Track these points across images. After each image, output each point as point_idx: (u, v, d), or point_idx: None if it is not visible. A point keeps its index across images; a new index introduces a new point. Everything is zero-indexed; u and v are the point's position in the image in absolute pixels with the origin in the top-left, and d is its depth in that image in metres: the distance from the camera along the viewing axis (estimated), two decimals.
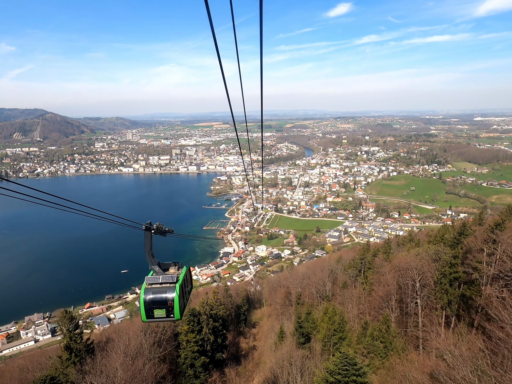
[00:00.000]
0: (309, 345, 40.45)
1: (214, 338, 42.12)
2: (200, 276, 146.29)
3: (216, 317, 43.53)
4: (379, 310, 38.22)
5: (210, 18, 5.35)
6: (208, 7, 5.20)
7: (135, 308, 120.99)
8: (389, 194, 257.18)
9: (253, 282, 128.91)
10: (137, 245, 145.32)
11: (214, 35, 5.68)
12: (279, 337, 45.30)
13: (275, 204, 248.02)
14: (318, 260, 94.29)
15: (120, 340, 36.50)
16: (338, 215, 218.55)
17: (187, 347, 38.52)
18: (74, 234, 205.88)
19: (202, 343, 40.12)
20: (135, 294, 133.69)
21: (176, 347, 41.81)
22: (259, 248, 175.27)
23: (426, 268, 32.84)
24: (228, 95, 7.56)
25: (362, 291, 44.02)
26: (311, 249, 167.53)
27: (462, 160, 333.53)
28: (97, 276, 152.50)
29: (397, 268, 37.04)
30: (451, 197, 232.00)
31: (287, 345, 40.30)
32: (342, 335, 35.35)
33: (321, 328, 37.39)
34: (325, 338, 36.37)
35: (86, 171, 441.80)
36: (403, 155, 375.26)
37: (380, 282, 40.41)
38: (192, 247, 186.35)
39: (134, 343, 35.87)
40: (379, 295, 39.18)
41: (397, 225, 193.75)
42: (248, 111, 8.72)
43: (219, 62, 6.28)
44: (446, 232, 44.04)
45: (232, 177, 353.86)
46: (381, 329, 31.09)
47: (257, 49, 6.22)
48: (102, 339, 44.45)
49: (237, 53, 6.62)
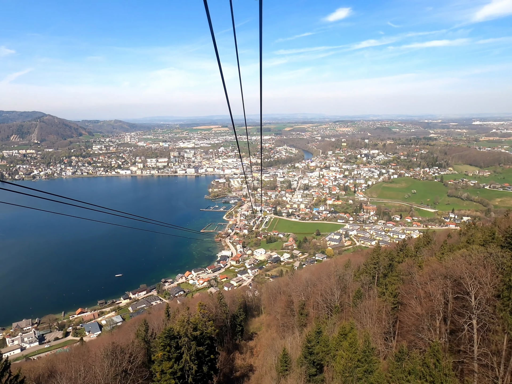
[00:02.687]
0: (322, 377, 32.51)
1: (197, 366, 32.40)
2: (196, 281, 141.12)
3: (201, 339, 34.00)
4: (417, 333, 29.28)
5: (210, 22, 5.45)
6: (208, 12, 5.26)
7: (128, 314, 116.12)
8: (389, 197, 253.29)
9: (251, 287, 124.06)
10: (132, 248, 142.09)
11: (214, 39, 5.83)
12: (282, 365, 35.52)
13: (274, 206, 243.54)
14: (322, 264, 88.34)
15: (69, 371, 28.31)
16: (339, 218, 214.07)
17: (161, 379, 29.36)
18: (67, 237, 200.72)
19: (181, 374, 30.76)
20: (128, 299, 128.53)
21: (148, 379, 33.35)
22: (257, 252, 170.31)
23: (483, 276, 24.97)
24: (227, 98, 7.67)
25: (382, 303, 35.89)
26: (311, 253, 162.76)
27: (463, 163, 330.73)
28: (90, 280, 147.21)
29: (441, 276, 29.09)
30: (453, 200, 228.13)
31: (294, 381, 32.08)
32: (368, 367, 27.13)
33: (339, 357, 29.44)
34: (346, 372, 28.16)
35: (83, 174, 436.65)
36: (403, 158, 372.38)
37: (413, 294, 32.02)
38: (189, 250, 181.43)
39: (89, 377, 27.90)
40: (416, 312, 30.18)
41: (399, 228, 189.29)
42: (247, 114, 8.88)
43: (219, 66, 6.43)
44: (484, 231, 38.03)
45: (231, 179, 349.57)
46: (427, 363, 21.33)
47: (256, 53, 6.71)
48: (44, 372, 34.73)
49: (237, 57, 6.82)
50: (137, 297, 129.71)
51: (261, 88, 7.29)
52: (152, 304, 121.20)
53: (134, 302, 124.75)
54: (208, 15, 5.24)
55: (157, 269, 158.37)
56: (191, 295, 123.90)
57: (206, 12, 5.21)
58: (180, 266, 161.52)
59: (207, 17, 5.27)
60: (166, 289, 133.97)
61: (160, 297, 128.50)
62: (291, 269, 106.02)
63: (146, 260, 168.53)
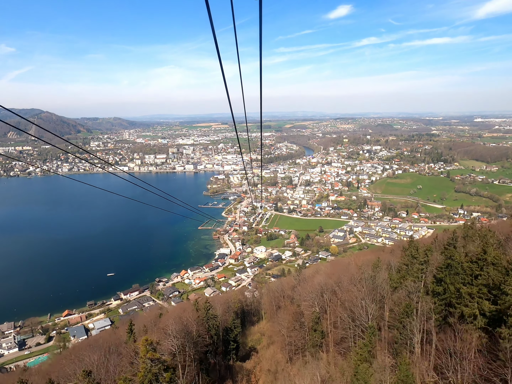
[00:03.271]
0: None
1: None
2: (192, 280, 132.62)
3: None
4: None
5: (211, 20, 5.61)
6: (209, 11, 5.41)
7: (118, 317, 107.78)
8: (394, 192, 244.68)
9: (251, 286, 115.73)
10: (127, 246, 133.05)
11: (215, 37, 5.98)
12: None
13: (275, 203, 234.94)
14: (338, 264, 76.18)
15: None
16: (342, 215, 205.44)
17: None
18: (60, 234, 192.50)
19: None
20: (119, 300, 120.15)
21: None
22: (257, 249, 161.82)
23: None
24: (228, 94, 7.87)
25: (475, 339, 21.54)
26: (314, 250, 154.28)
27: (469, 158, 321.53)
28: (81, 280, 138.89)
29: None
30: (461, 196, 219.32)
31: None
32: None
33: None
34: None
35: (80, 170, 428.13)
36: (407, 154, 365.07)
37: None
38: (185, 248, 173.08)
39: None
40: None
41: (405, 224, 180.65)
42: (247, 112, 9.07)
43: (220, 64, 6.62)
44: None
45: (230, 175, 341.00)
46: None
47: (256, 51, 6.70)
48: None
49: (237, 55, 7.01)
50: (129, 298, 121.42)
51: (261, 83, 7.55)
52: (144, 306, 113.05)
53: (125, 304, 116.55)
54: (209, 13, 5.41)
55: (151, 268, 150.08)
56: (186, 296, 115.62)
57: (207, 10, 5.34)
58: (176, 265, 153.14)
59: (208, 16, 5.49)
60: (160, 289, 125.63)
61: (153, 298, 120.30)
62: (297, 269, 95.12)
63: (140, 258, 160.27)
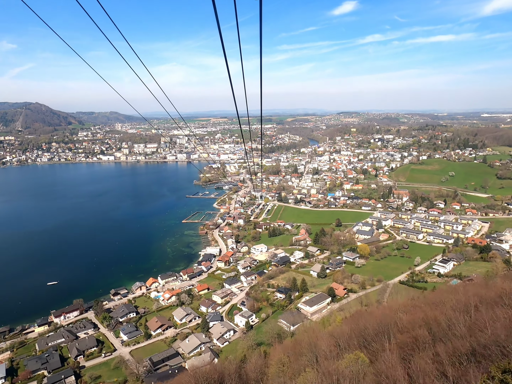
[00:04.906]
0: None
1: None
2: (161, 294, 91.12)
3: None
4: None
5: (217, 19, 5.89)
6: (216, 10, 5.67)
7: (22, 361, 66.86)
8: (421, 180, 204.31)
9: (245, 307, 75.04)
10: (87, 244, 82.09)
11: (220, 34, 6.25)
12: None
13: (278, 192, 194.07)
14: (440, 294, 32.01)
15: None
16: (362, 205, 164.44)
17: None
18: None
19: None
20: (46, 325, 78.96)
21: None
22: (256, 249, 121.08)
23: None
24: (232, 88, 8.50)
25: None
26: (335, 250, 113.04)
27: (500, 144, 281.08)
28: (7, 291, 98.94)
29: None
30: (508, 183, 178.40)
31: None
32: None
33: None
34: None
35: (61, 160, 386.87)
36: (425, 142, 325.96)
37: None
38: (162, 247, 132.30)
39: None
40: None
41: (449, 217, 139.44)
42: (248, 109, 9.88)
43: (225, 60, 6.94)
44: None
45: (227, 164, 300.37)
46: None
47: (258, 49, 6.98)
48: None
49: (240, 52, 7.28)
50: (62, 321, 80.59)
51: (261, 76, 8.00)
52: (78, 337, 72.12)
53: (51, 332, 75.41)
54: (216, 12, 5.66)
55: (111, 273, 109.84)
56: (144, 321, 74.63)
57: (213, 9, 5.63)
58: (146, 269, 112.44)
59: (214, 14, 5.76)
60: (111, 308, 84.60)
61: (97, 322, 79.23)
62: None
63: (100, 260, 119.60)
